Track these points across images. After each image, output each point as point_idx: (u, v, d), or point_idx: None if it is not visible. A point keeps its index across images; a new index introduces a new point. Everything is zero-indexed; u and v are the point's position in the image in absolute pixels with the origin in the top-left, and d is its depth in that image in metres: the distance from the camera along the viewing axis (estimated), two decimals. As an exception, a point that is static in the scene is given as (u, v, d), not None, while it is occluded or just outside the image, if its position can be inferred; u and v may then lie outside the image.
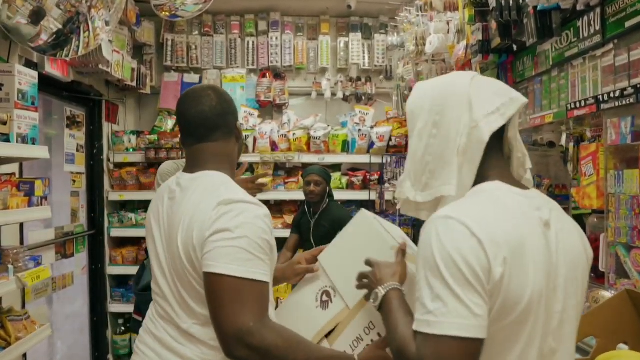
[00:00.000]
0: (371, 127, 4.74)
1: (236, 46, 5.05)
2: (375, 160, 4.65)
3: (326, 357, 1.31)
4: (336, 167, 4.79)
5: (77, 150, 4.11)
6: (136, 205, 4.75)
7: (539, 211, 1.06)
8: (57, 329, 3.81)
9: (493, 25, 2.82)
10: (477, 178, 1.09)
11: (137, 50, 4.83)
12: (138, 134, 4.74)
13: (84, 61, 3.58)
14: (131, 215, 4.59)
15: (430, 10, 3.79)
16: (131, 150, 4.65)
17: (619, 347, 1.68)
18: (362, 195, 4.67)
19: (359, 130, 4.68)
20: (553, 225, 1.06)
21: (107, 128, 4.55)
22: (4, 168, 2.67)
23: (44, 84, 3.21)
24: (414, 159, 1.15)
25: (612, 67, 2.12)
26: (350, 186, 4.69)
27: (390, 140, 4.67)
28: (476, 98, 1.09)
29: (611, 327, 1.67)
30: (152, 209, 1.52)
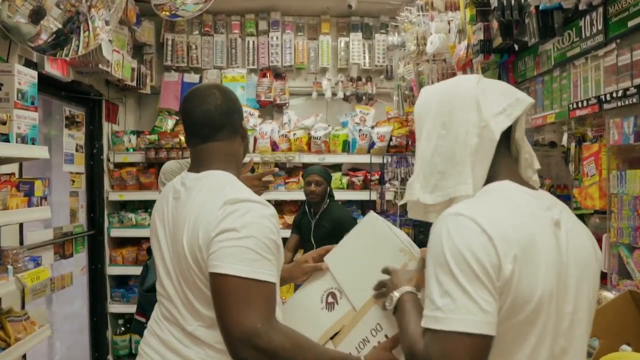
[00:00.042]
0: (372, 127, 4.73)
1: (236, 46, 5.05)
2: (375, 160, 4.64)
3: (334, 359, 1.29)
4: (337, 167, 4.78)
5: (77, 150, 4.11)
6: (136, 205, 4.74)
7: (549, 211, 1.06)
8: (56, 330, 3.80)
9: (494, 24, 2.81)
10: (487, 178, 1.09)
11: (137, 50, 4.83)
12: (138, 134, 4.73)
13: (84, 61, 3.57)
14: (131, 215, 4.58)
15: (431, 9, 3.79)
16: (131, 150, 4.64)
17: (622, 348, 1.68)
18: (363, 195, 4.66)
19: (360, 130, 4.67)
20: (563, 225, 1.06)
21: (107, 128, 4.54)
22: (4, 168, 2.66)
23: (43, 84, 3.20)
24: (423, 161, 1.15)
25: (615, 67, 2.11)
26: (350, 186, 4.69)
27: (390, 140, 4.66)
28: (483, 99, 1.09)
29: (614, 328, 1.67)
30: (157, 209, 1.50)
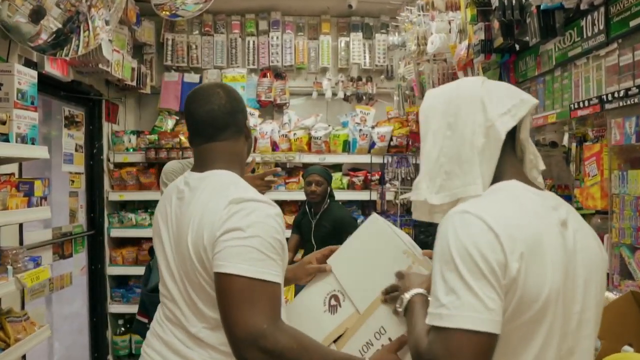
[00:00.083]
0: (372, 127, 4.72)
1: (237, 46, 5.04)
2: (376, 160, 4.64)
3: None
4: (337, 167, 4.77)
5: (76, 150, 4.10)
6: (136, 205, 4.73)
7: (556, 211, 1.06)
8: (55, 330, 3.79)
9: (495, 24, 2.80)
10: (494, 178, 1.09)
11: (137, 49, 4.82)
12: (138, 134, 4.72)
13: (84, 61, 3.56)
14: (131, 215, 4.57)
15: (431, 9, 3.78)
16: (131, 150, 4.63)
17: (624, 349, 1.67)
18: (363, 195, 4.65)
19: (360, 130, 4.67)
20: (570, 225, 1.06)
21: (107, 128, 4.53)
22: (3, 168, 2.65)
23: (43, 84, 3.19)
24: (429, 161, 1.15)
25: (617, 67, 2.10)
26: (351, 186, 4.68)
27: (391, 140, 4.65)
28: (488, 99, 1.10)
29: (616, 329, 1.66)
30: (160, 210, 1.48)
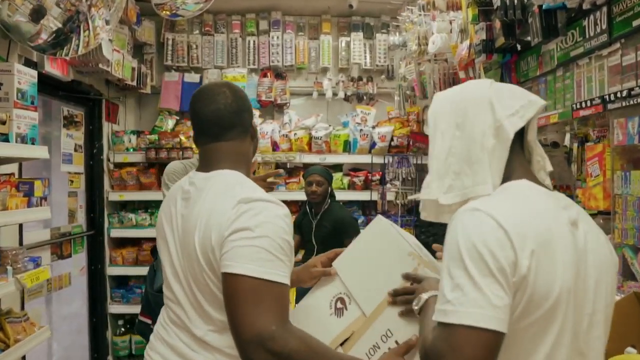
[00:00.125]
0: (373, 127, 4.72)
1: (237, 45, 5.03)
2: (376, 160, 4.63)
3: None
4: (337, 167, 4.76)
5: (75, 150, 4.08)
6: (136, 205, 4.72)
7: (566, 211, 1.05)
8: (54, 330, 3.78)
9: (497, 24, 2.80)
10: (503, 178, 1.08)
11: (138, 49, 4.81)
12: (138, 134, 4.72)
13: (84, 60, 3.55)
14: (131, 215, 4.56)
15: (432, 9, 3.77)
16: (131, 150, 4.62)
17: (627, 351, 1.67)
18: (364, 195, 4.65)
19: (361, 130, 4.66)
20: (581, 226, 1.05)
21: (107, 128, 4.52)
22: (3, 168, 2.65)
23: (43, 84, 3.18)
24: (438, 161, 1.14)
25: (619, 67, 2.09)
26: (351, 186, 4.67)
27: (392, 140, 4.65)
28: (497, 100, 1.10)
29: (619, 330, 1.65)
30: (164, 211, 1.46)
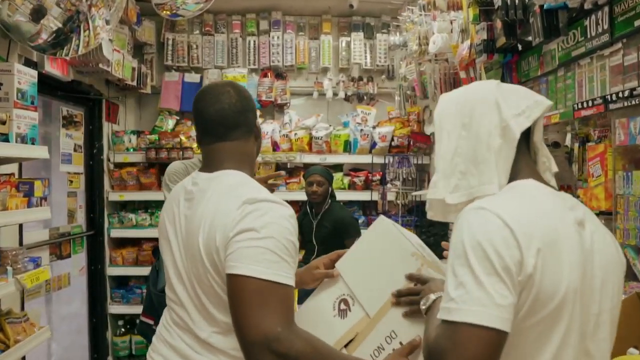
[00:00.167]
0: (373, 127, 4.71)
1: (237, 45, 5.02)
2: (377, 160, 4.63)
3: None
4: (338, 168, 4.76)
5: (75, 150, 4.07)
6: (136, 205, 4.71)
7: (573, 211, 1.05)
8: (54, 330, 3.77)
9: (498, 24, 2.79)
10: (509, 178, 1.08)
11: (138, 49, 4.80)
12: (138, 134, 4.71)
13: (84, 60, 3.54)
14: (131, 215, 4.55)
15: (433, 9, 3.77)
16: (131, 150, 4.61)
17: (630, 352, 1.66)
18: (364, 195, 4.64)
19: (361, 130, 4.65)
20: (587, 226, 1.05)
21: (107, 128, 4.51)
22: (3, 168, 2.64)
23: (43, 84, 3.17)
24: (444, 161, 1.14)
25: (621, 67, 2.09)
26: (352, 186, 4.67)
27: (392, 140, 4.64)
28: (503, 100, 1.10)
29: (621, 331, 1.64)
30: (166, 211, 1.45)
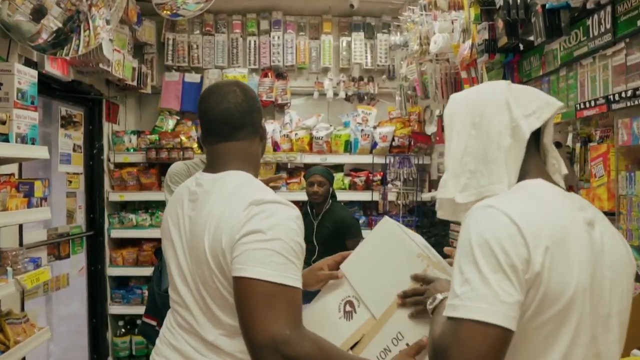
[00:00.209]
0: (374, 127, 4.70)
1: (238, 45, 5.01)
2: (378, 160, 4.62)
3: None
4: (338, 168, 4.75)
5: (74, 150, 4.06)
6: (137, 205, 4.71)
7: (582, 211, 1.04)
8: (53, 331, 3.75)
9: (499, 24, 2.78)
10: (519, 177, 1.08)
11: (138, 49, 4.79)
12: (139, 134, 4.70)
13: (84, 60, 3.53)
14: (132, 216, 4.54)
15: (434, 9, 3.76)
16: (132, 150, 4.60)
17: (633, 353, 1.66)
18: (365, 196, 4.63)
19: (362, 130, 4.65)
20: (597, 227, 1.04)
21: (108, 128, 4.50)
22: (3, 168, 2.63)
23: (43, 84, 3.16)
24: (453, 161, 1.14)
25: (624, 67, 2.08)
26: (352, 187, 4.66)
27: (393, 140, 4.63)
28: (513, 101, 1.10)
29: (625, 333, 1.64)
30: (170, 212, 1.44)
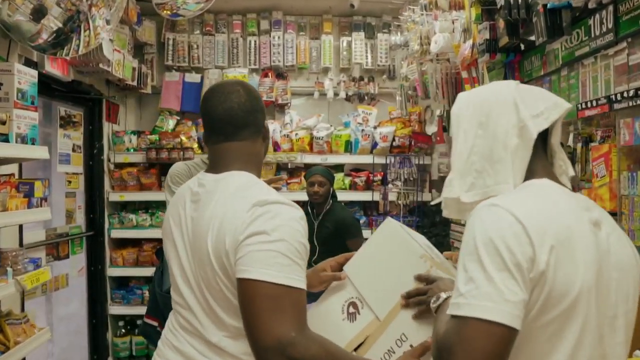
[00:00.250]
0: (374, 127, 4.70)
1: (238, 45, 5.01)
2: (378, 160, 4.61)
3: None
4: (339, 168, 4.74)
5: (74, 150, 4.05)
6: (137, 206, 4.70)
7: (588, 212, 1.04)
8: (53, 331, 3.74)
9: (501, 23, 2.78)
10: (525, 178, 1.08)
11: (138, 49, 4.79)
12: (139, 134, 4.69)
13: (85, 60, 3.53)
14: (132, 216, 4.53)
15: (435, 9, 3.75)
16: (132, 150, 4.60)
17: (636, 354, 1.65)
18: (365, 196, 4.63)
19: (362, 130, 4.64)
20: (604, 227, 1.03)
21: (108, 128, 4.50)
22: (3, 169, 2.62)
23: (43, 84, 3.15)
24: (460, 160, 1.14)
25: (626, 66, 2.08)
26: (353, 187, 4.65)
27: (393, 140, 4.62)
28: (521, 101, 1.10)
29: (627, 333, 1.64)
30: (171, 214, 1.43)
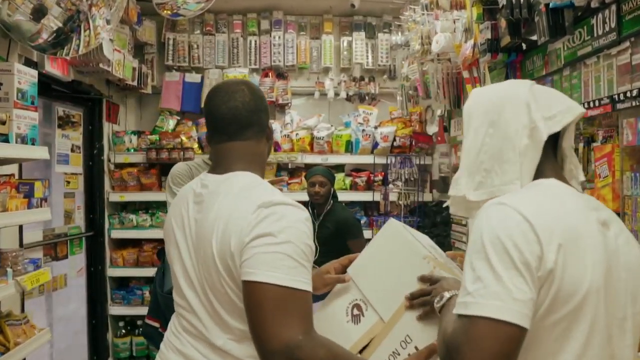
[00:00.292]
0: (375, 127, 4.69)
1: (238, 45, 5.00)
2: (379, 160, 4.61)
3: None
4: (339, 168, 4.73)
5: (72, 150, 4.03)
6: (137, 206, 4.69)
7: (597, 212, 1.04)
8: (53, 332, 3.73)
9: (502, 23, 2.76)
10: (533, 179, 1.07)
11: (138, 49, 4.78)
12: (139, 134, 4.68)
13: (85, 60, 3.52)
14: (132, 216, 4.53)
15: (436, 8, 3.74)
16: (132, 150, 4.59)
17: (638, 355, 1.64)
18: (366, 196, 4.62)
19: (363, 130, 4.63)
20: (612, 228, 1.03)
21: (108, 128, 4.49)
22: (3, 169, 2.62)
23: (43, 84, 3.14)
24: (469, 158, 1.14)
25: (629, 66, 2.06)
26: (353, 187, 4.65)
27: (394, 140, 4.62)
28: (534, 102, 1.09)
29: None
30: (174, 215, 1.41)
